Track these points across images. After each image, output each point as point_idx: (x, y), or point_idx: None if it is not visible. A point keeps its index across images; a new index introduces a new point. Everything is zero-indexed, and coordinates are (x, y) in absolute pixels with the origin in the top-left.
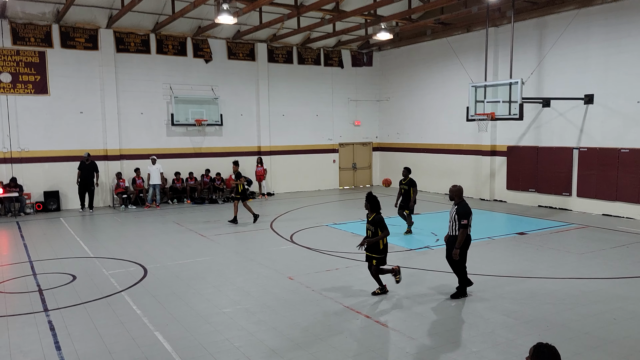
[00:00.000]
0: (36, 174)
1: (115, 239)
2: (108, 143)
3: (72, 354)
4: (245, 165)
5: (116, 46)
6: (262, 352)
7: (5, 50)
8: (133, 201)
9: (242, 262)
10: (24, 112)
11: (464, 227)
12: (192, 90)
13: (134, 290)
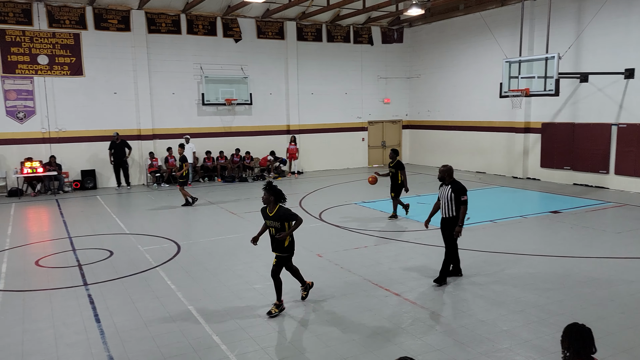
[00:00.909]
0: (73, 153)
1: (149, 216)
2: (141, 123)
3: (111, 326)
4: (274, 144)
5: (148, 27)
6: (291, 326)
7: (42, 33)
8: (166, 180)
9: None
10: (60, 93)
11: (465, 203)
12: (222, 69)
13: (168, 266)
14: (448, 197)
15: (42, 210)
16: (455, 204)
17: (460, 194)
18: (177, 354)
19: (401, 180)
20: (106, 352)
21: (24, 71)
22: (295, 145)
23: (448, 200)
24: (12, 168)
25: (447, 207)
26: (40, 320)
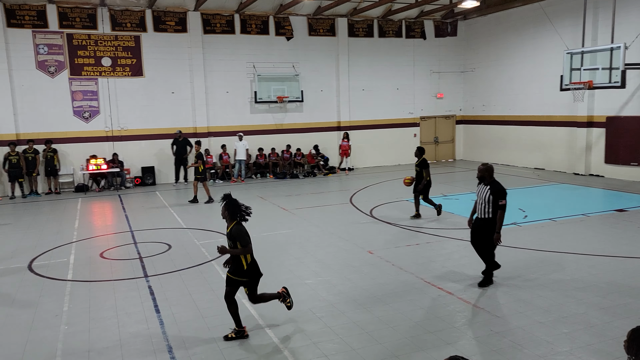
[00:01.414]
0: (134, 151)
1: (204, 211)
2: (197, 121)
3: (170, 317)
4: (325, 140)
5: (203, 28)
6: (342, 322)
7: (105, 36)
8: (220, 176)
9: (322, 236)
10: (122, 93)
11: (503, 207)
12: (274, 68)
13: (222, 260)
14: (486, 198)
15: (105, 205)
16: (493, 207)
17: (499, 197)
18: (232, 345)
19: (427, 180)
20: (165, 341)
21: (89, 73)
22: (348, 141)
23: (485, 202)
24: (78, 165)
25: (483, 208)
26: (105, 309)
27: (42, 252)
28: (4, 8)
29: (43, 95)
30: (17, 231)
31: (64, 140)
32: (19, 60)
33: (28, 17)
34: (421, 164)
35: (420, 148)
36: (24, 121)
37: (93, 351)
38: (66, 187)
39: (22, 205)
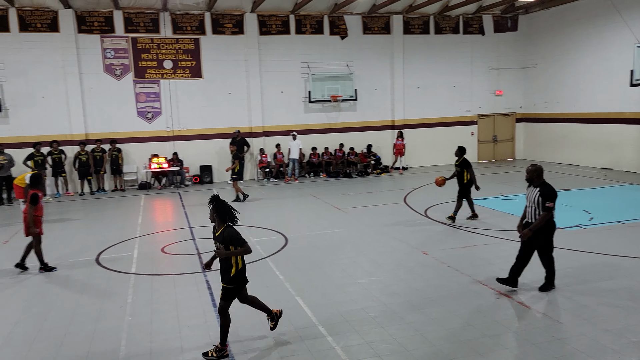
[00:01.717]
0: (193, 150)
1: (260, 209)
2: (252, 121)
3: None
4: (379, 139)
5: (259, 29)
6: (396, 323)
7: (167, 39)
8: (274, 175)
9: (375, 235)
10: (182, 94)
11: (549, 210)
12: (328, 67)
13: (276, 257)
14: (535, 200)
15: (166, 202)
16: (542, 208)
17: (547, 200)
18: (286, 341)
19: (467, 180)
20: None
21: (152, 75)
22: (403, 140)
23: (535, 204)
24: (141, 164)
25: (533, 212)
26: (166, 302)
27: (109, 246)
28: (75, 15)
29: (109, 97)
30: (86, 226)
31: (128, 140)
32: (88, 64)
33: (97, 23)
34: (462, 164)
35: (461, 147)
36: (92, 122)
37: (155, 342)
38: (130, 184)
39: (90, 202)
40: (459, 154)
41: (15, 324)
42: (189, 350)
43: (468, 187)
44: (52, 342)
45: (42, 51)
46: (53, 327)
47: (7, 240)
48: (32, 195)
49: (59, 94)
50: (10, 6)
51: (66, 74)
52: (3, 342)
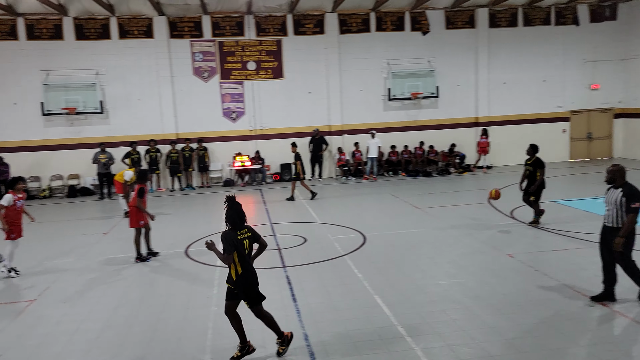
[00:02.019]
0: (274, 149)
1: (337, 207)
2: (331, 119)
3: (306, 306)
4: (461, 137)
5: (340, 28)
6: (479, 327)
7: (251, 42)
8: (353, 173)
9: (457, 236)
10: (264, 95)
11: (636, 211)
12: (409, 64)
13: (355, 255)
14: (618, 202)
15: (249, 199)
16: (626, 210)
17: (632, 200)
18: (365, 339)
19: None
20: (302, 329)
21: (237, 77)
22: (487, 138)
23: (617, 207)
24: (226, 162)
25: (614, 215)
26: None
27: (196, 239)
28: (168, 21)
29: (197, 98)
30: (176, 220)
31: (214, 139)
32: (179, 67)
33: (187, 28)
34: (535, 163)
35: (534, 145)
36: (182, 122)
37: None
38: (215, 181)
39: (180, 197)
40: (531, 153)
41: (115, 309)
42: (270, 341)
43: (540, 190)
44: (147, 326)
45: (139, 56)
46: (148, 312)
47: (108, 232)
48: (139, 189)
49: (152, 96)
50: (112, 15)
51: (159, 77)
52: (105, 325)
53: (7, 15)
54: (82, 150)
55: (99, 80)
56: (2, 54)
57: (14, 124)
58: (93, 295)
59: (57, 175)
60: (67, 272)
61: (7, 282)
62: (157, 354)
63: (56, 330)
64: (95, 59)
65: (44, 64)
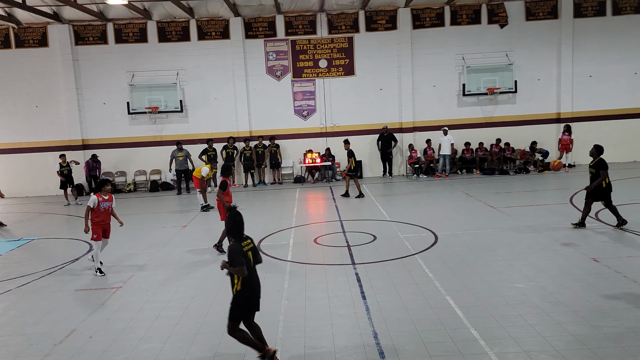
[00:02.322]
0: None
1: (408, 205)
2: (403, 116)
3: (375, 304)
4: (540, 134)
5: (412, 23)
6: (559, 334)
7: (323, 39)
8: (424, 171)
9: (536, 238)
10: (335, 92)
11: None
12: (485, 58)
13: (426, 255)
14: None
15: (319, 195)
16: None
17: None
18: (436, 340)
19: (607, 183)
20: (371, 327)
21: (308, 75)
22: (570, 135)
23: None
24: (297, 159)
25: None
26: (318, 290)
27: (268, 234)
28: (243, 22)
29: (270, 97)
30: (249, 215)
31: (285, 137)
32: (253, 67)
33: (261, 28)
34: (597, 165)
35: (598, 146)
36: (255, 120)
37: (308, 327)
38: (286, 178)
39: (253, 193)
40: (595, 154)
41: (192, 298)
42: (339, 337)
43: (608, 192)
44: (221, 317)
45: (216, 57)
46: (222, 303)
47: (186, 225)
48: (222, 182)
49: (228, 95)
50: (191, 18)
51: (235, 76)
52: (183, 314)
53: (99, 21)
54: (163, 147)
55: (179, 81)
56: (93, 58)
57: (103, 123)
58: (173, 284)
59: (140, 170)
60: (150, 262)
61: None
62: (230, 344)
63: (139, 316)
64: (176, 60)
65: (130, 65)
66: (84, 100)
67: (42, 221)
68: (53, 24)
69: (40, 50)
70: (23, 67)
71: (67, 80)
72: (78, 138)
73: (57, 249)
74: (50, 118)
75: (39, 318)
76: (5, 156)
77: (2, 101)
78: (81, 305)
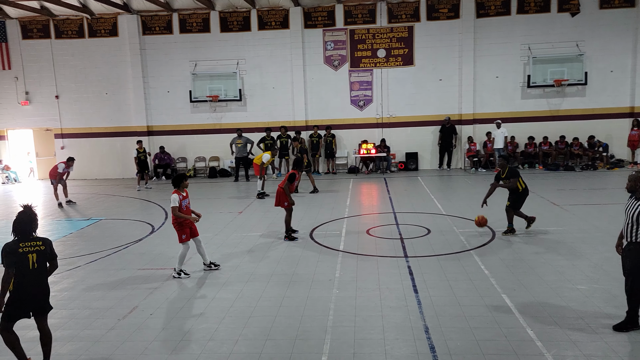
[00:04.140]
0: (400, 137)
1: (465, 199)
2: (463, 108)
3: (427, 298)
4: (611, 128)
5: (476, 12)
6: (623, 340)
7: (382, 29)
8: (483, 164)
9: (602, 237)
10: (393, 82)
11: None
12: (553, 48)
13: (482, 251)
14: (634, 216)
15: (372, 186)
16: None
17: None
18: (489, 338)
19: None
20: (422, 321)
21: (366, 64)
22: (639, 130)
23: (633, 220)
24: (351, 149)
25: (630, 229)
26: (369, 281)
27: (321, 223)
28: (303, 12)
29: (327, 86)
30: (303, 204)
31: (341, 127)
32: (311, 56)
33: (320, 17)
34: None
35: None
36: (311, 109)
37: (359, 317)
38: (341, 168)
39: (307, 182)
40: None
41: (246, 282)
42: (390, 329)
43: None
44: (273, 301)
45: (274, 47)
46: (275, 288)
47: (242, 211)
48: (291, 174)
49: (285, 85)
50: (252, 8)
51: (293, 66)
52: (237, 296)
53: (164, 12)
54: (222, 135)
55: (239, 70)
56: (159, 47)
57: (167, 110)
58: (228, 267)
59: (200, 157)
60: (207, 245)
61: (159, 249)
62: (282, 329)
63: (196, 295)
64: (237, 50)
65: (193, 55)
66: (150, 88)
67: (110, 202)
68: (123, 14)
69: (111, 40)
70: (94, 56)
71: (135, 68)
72: (143, 124)
73: (123, 229)
74: (119, 105)
75: (105, 293)
76: (77, 140)
77: (75, 88)
78: (143, 283)
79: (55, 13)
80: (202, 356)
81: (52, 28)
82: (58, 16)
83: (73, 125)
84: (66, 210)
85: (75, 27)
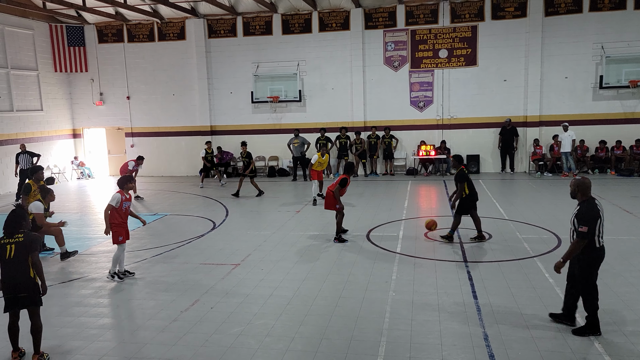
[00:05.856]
0: (461, 139)
1: (529, 204)
2: (528, 109)
3: (487, 305)
4: None
5: (545, 10)
6: None
7: (444, 29)
8: (549, 168)
9: None
10: (455, 83)
11: (582, 236)
12: (629, 47)
13: (547, 258)
14: (573, 221)
15: (431, 188)
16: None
17: (581, 222)
18: (552, 350)
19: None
20: (481, 328)
21: (427, 65)
22: None
23: (572, 226)
24: (410, 150)
25: (570, 234)
26: (427, 285)
27: (378, 224)
28: (364, 13)
29: (386, 87)
30: (360, 205)
31: (400, 128)
32: (371, 57)
33: (381, 18)
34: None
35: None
36: (370, 110)
37: (415, 321)
38: (399, 170)
39: (364, 183)
40: (456, 165)
41: (303, 281)
42: (447, 335)
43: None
44: (329, 301)
45: (335, 48)
46: (331, 288)
47: (299, 211)
48: (342, 179)
49: (344, 86)
50: (314, 10)
51: (352, 67)
52: (294, 295)
53: (229, 15)
54: (281, 135)
55: (299, 71)
56: (224, 49)
57: (229, 110)
58: (285, 265)
59: (260, 156)
60: (265, 242)
61: (220, 245)
62: (337, 329)
63: (254, 292)
64: (297, 52)
65: (255, 57)
66: (214, 89)
67: (175, 199)
68: (190, 18)
69: (178, 43)
70: (163, 59)
71: (200, 70)
72: (207, 124)
73: (186, 225)
74: (185, 105)
75: (168, 286)
76: (146, 139)
77: (145, 89)
78: (204, 277)
79: (129, 18)
80: (260, 351)
81: (125, 32)
82: (131, 21)
83: (142, 124)
84: (134, 206)
85: (146, 32)
